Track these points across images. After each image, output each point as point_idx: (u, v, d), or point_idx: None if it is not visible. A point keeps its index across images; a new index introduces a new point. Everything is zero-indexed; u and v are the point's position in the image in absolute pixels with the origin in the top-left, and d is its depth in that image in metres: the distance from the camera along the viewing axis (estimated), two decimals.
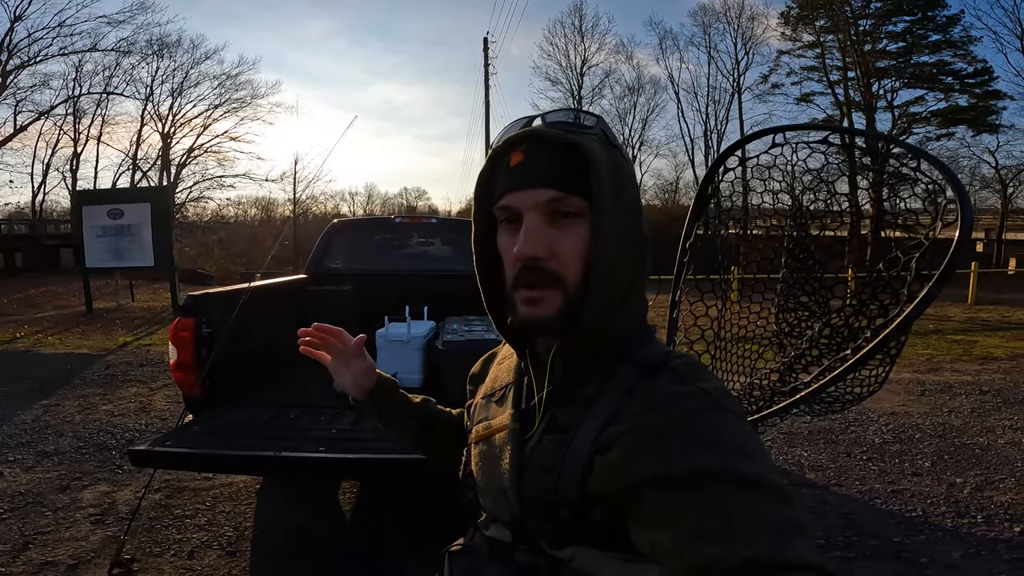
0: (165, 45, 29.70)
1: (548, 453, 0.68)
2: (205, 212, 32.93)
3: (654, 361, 0.67)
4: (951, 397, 5.52)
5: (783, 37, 27.43)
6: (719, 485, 0.53)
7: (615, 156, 0.69)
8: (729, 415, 0.60)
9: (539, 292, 0.68)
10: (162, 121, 30.84)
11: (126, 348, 8.05)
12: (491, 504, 0.77)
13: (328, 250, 4.42)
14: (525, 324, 0.70)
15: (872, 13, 24.57)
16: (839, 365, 1.38)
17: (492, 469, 0.76)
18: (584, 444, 0.64)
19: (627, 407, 0.63)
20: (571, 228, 0.67)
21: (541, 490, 0.67)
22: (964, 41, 24.15)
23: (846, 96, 25.67)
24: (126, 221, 11.11)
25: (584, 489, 0.63)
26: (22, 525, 2.97)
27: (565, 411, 0.69)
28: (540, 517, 0.68)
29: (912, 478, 3.69)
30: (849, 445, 4.28)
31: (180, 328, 2.50)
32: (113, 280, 13.94)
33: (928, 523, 3.10)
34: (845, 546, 2.87)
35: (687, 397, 0.61)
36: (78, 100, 28.44)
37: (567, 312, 0.68)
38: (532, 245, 0.66)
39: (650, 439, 0.59)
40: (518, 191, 0.68)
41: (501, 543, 0.74)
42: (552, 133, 0.68)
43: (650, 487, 0.56)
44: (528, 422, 0.73)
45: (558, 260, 0.67)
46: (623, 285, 0.69)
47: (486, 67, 24.99)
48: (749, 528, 0.50)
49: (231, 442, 2.34)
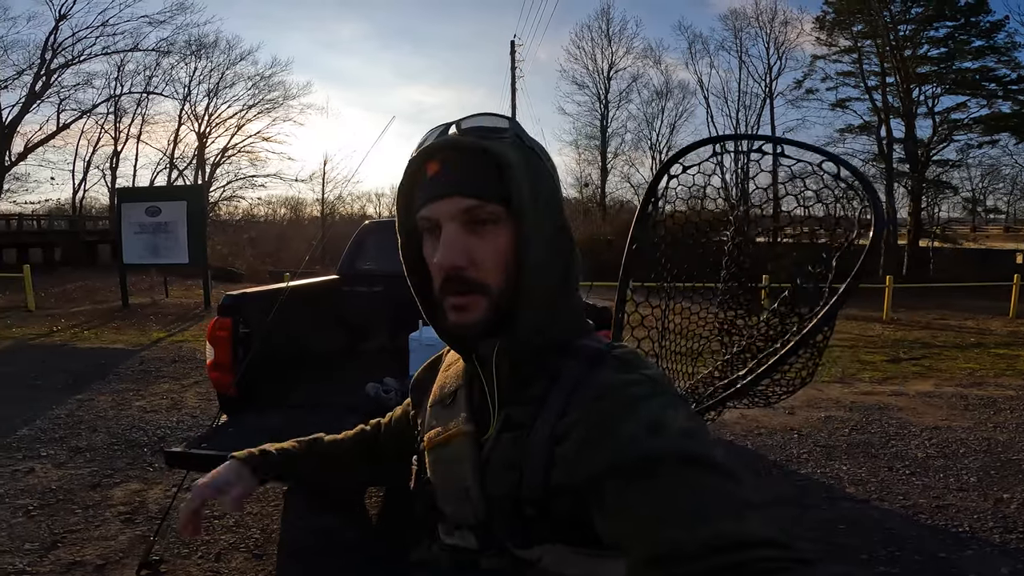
0: (203, 46, 30.45)
1: (508, 451, 0.69)
2: (237, 211, 33.57)
3: (597, 352, 0.69)
4: (996, 412, 5.33)
5: (818, 42, 26.89)
6: (667, 468, 0.54)
7: (530, 158, 0.70)
8: (673, 399, 0.63)
9: (464, 299, 0.69)
10: (198, 121, 31.57)
11: (160, 344, 8.17)
12: (453, 509, 0.75)
13: (360, 251, 4.39)
14: (454, 331, 0.72)
15: (912, 18, 23.98)
16: (769, 360, 1.49)
17: (451, 473, 0.75)
18: (542, 438, 0.65)
19: (576, 399, 0.65)
20: (490, 235, 0.68)
21: (505, 488, 0.67)
22: (1008, 47, 23.44)
23: (884, 102, 25.05)
24: (163, 219, 11.34)
25: (547, 483, 0.64)
26: (51, 523, 2.97)
27: (518, 409, 0.70)
28: (506, 517, 0.68)
29: (958, 493, 3.59)
30: (891, 459, 4.16)
31: (218, 327, 2.47)
32: (148, 276, 14.23)
33: (975, 539, 3.03)
34: (888, 561, 2.79)
35: (632, 384, 0.63)
36: (119, 99, 29.25)
37: (494, 317, 0.69)
38: (451, 255, 0.67)
39: (601, 428, 0.60)
40: (435, 201, 0.68)
41: (464, 550, 0.73)
42: (465, 141, 0.69)
43: (606, 477, 0.57)
44: (483, 423, 0.74)
45: (479, 268, 0.68)
46: (553, 284, 0.71)
47: (512, 70, 24.99)
48: (704, 509, 0.51)
49: None
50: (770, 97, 28.93)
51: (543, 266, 0.68)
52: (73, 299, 13.38)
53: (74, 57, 27.05)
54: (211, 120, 31.82)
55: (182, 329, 9.49)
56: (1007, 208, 32.35)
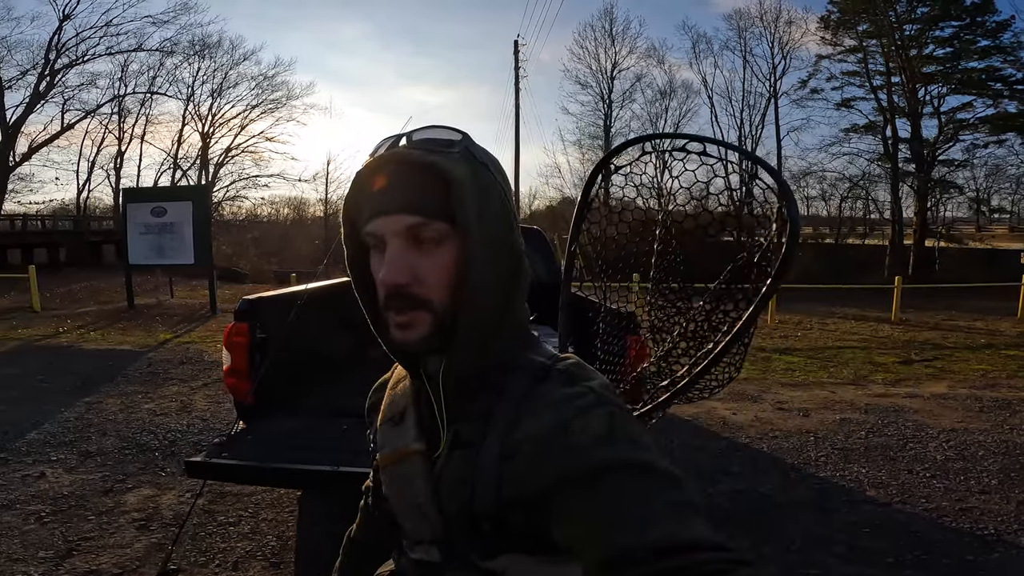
0: (206, 46, 30.39)
1: (459, 468, 0.69)
2: (240, 211, 33.58)
3: (542, 366, 0.70)
4: (1012, 414, 5.30)
5: (823, 42, 26.77)
6: (612, 476, 0.56)
7: (480, 173, 0.69)
8: (615, 409, 0.64)
9: (407, 316, 0.68)
10: (202, 121, 31.55)
11: (166, 345, 8.14)
12: (412, 526, 0.76)
13: None
14: (397, 347, 0.72)
15: (918, 18, 23.89)
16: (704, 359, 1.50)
17: (406, 491, 0.75)
18: (490, 456, 0.66)
19: (522, 414, 0.66)
20: (434, 252, 0.67)
21: (459, 504, 0.68)
22: (1014, 47, 23.33)
23: (889, 102, 24.94)
24: (168, 219, 11.32)
25: (499, 500, 0.65)
26: (65, 530, 2.93)
27: (466, 425, 0.70)
28: (463, 531, 0.69)
29: (980, 496, 3.57)
30: (910, 462, 4.13)
31: (235, 333, 2.42)
32: (154, 276, 14.21)
33: (1001, 541, 3.02)
34: (916, 564, 2.78)
35: (576, 397, 0.64)
36: (123, 99, 29.23)
37: (438, 334, 0.68)
38: (394, 272, 0.66)
39: (548, 442, 0.62)
40: (380, 217, 0.67)
41: (429, 564, 0.74)
42: (412, 155, 0.67)
43: (555, 488, 0.59)
44: (433, 441, 0.74)
45: (422, 285, 0.67)
46: (497, 300, 0.70)
47: (516, 70, 24.98)
48: (649, 514, 0.53)
49: (286, 454, 2.26)
50: (774, 97, 28.79)
51: (487, 283, 0.67)
52: (78, 300, 13.36)
53: (78, 57, 27.04)
54: (215, 120, 31.84)
55: (188, 330, 9.46)
56: (1012, 208, 32.19)
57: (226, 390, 5.54)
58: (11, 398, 5.31)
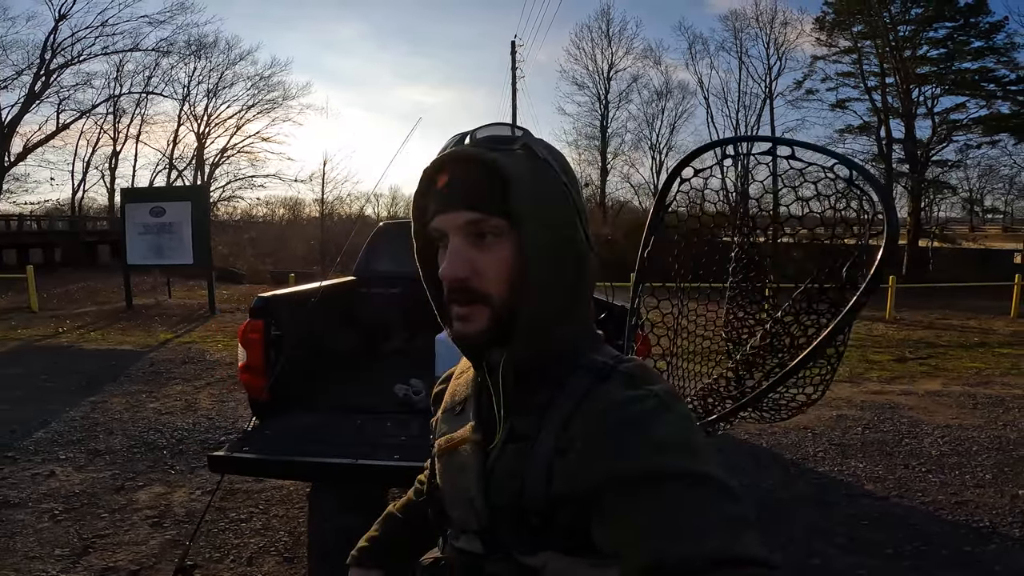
0: (203, 46, 30.32)
1: (511, 461, 0.69)
2: (235, 211, 33.51)
3: (604, 366, 0.69)
4: (1005, 410, 5.40)
5: (818, 43, 26.95)
6: (669, 484, 0.55)
7: (540, 169, 0.70)
8: (677, 416, 0.63)
9: (467, 309, 0.70)
10: (198, 121, 31.47)
11: (167, 345, 8.15)
12: (459, 515, 0.77)
13: (376, 252, 4.40)
14: (457, 340, 0.73)
15: (912, 19, 24.05)
16: (779, 371, 1.45)
17: (457, 480, 0.76)
18: (544, 450, 0.66)
19: (581, 412, 0.65)
20: (493, 247, 0.69)
21: (508, 497, 0.68)
22: (1007, 48, 23.55)
23: (884, 102, 25.13)
24: (167, 219, 11.31)
25: (548, 494, 0.65)
26: (79, 527, 2.97)
27: (522, 419, 0.70)
28: (509, 525, 0.69)
29: (975, 490, 3.66)
30: (906, 457, 4.22)
31: (250, 330, 2.46)
32: (151, 276, 14.20)
33: (997, 533, 3.11)
34: (915, 555, 2.86)
35: (637, 400, 0.63)
36: (118, 99, 29.15)
37: (496, 327, 0.69)
38: (454, 267, 0.68)
39: (603, 442, 0.61)
40: (442, 214, 0.70)
41: (471, 554, 0.75)
42: (471, 152, 0.69)
43: (605, 489, 0.58)
44: (489, 432, 0.74)
45: (481, 279, 0.69)
46: (559, 295, 0.71)
47: (513, 71, 24.99)
48: (699, 525, 0.52)
49: (305, 448, 2.31)
50: (770, 98, 28.98)
51: (546, 279, 0.68)
52: (76, 300, 13.35)
53: (73, 57, 26.97)
54: (210, 120, 31.78)
55: (188, 330, 9.47)
56: (1005, 208, 32.43)
57: (237, 387, 5.61)
58: (16, 398, 5.33)
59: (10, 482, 3.50)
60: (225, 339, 8.51)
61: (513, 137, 0.70)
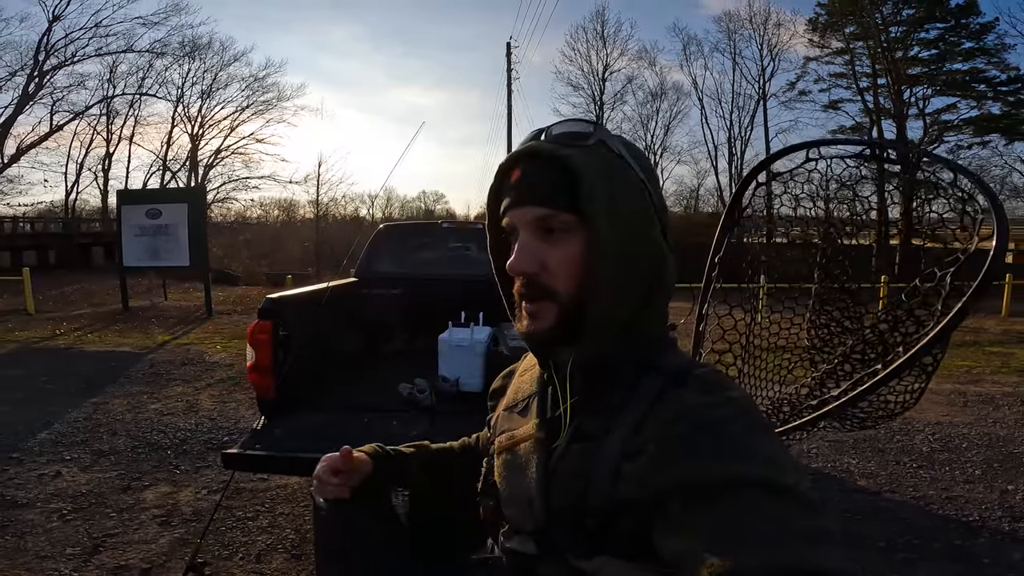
0: (197, 47, 30.23)
1: (576, 461, 0.68)
2: (229, 213, 33.42)
3: (680, 370, 0.68)
4: (995, 408, 5.49)
5: (811, 44, 27.17)
6: (745, 492, 0.53)
7: (614, 165, 0.69)
8: (756, 424, 0.61)
9: (535, 305, 0.70)
10: (191, 123, 31.38)
11: (165, 347, 8.17)
12: (515, 514, 0.76)
13: (377, 254, 4.45)
14: (525, 336, 0.73)
15: (904, 20, 24.24)
16: (869, 380, 1.37)
17: (517, 479, 0.75)
18: (612, 452, 0.64)
19: (654, 415, 0.64)
20: (562, 243, 0.68)
21: (569, 499, 0.67)
22: (998, 48, 23.76)
23: (875, 103, 25.33)
24: (163, 221, 11.31)
25: (612, 497, 0.63)
26: (89, 527, 3.00)
27: (591, 420, 0.69)
28: (566, 527, 0.67)
29: (965, 485, 3.73)
30: (897, 454, 4.29)
31: (258, 331, 2.51)
32: (146, 279, 14.16)
33: (986, 527, 3.17)
34: (906, 548, 2.92)
35: (713, 406, 0.62)
36: (112, 101, 29.03)
37: (563, 325, 0.69)
38: (521, 261, 0.69)
39: (676, 447, 0.59)
40: (515, 208, 0.71)
41: (524, 555, 0.73)
42: (543, 148, 0.69)
43: (675, 495, 0.56)
44: (553, 431, 0.73)
45: (550, 274, 0.68)
46: (632, 293, 0.69)
47: (508, 72, 25.03)
48: (772, 536, 0.50)
49: (315, 445, 2.36)
50: (763, 99, 29.16)
51: (616, 277, 0.67)
52: (71, 302, 13.31)
53: (67, 58, 26.87)
54: (204, 122, 31.69)
55: (185, 332, 9.48)
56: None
57: (238, 388, 5.65)
58: (16, 399, 5.35)
59: (17, 483, 3.53)
60: (223, 341, 8.54)
61: (588, 133, 0.70)
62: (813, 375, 1.73)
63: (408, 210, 45.68)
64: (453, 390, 3.08)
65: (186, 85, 30.94)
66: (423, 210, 46.45)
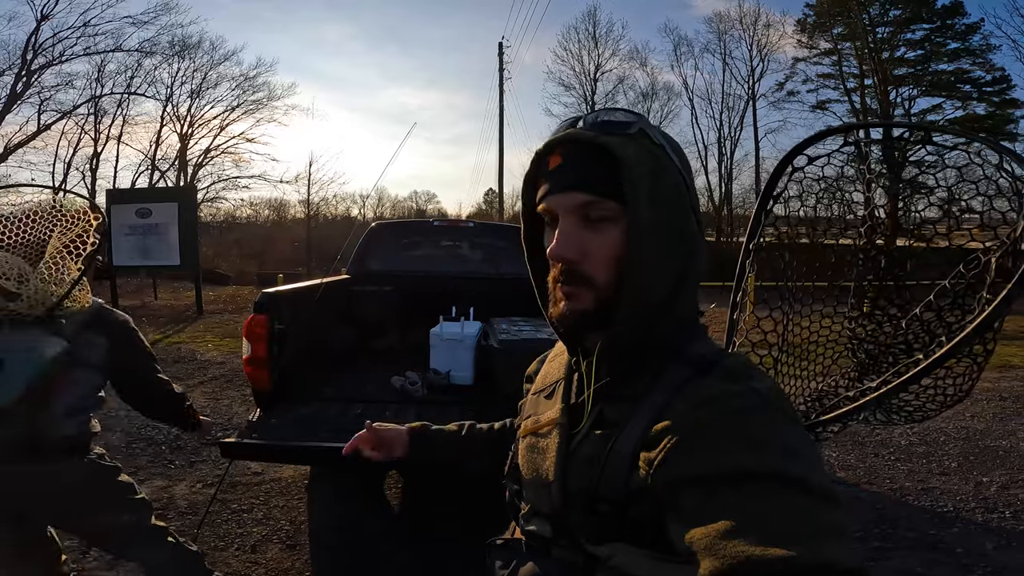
0: (186, 46, 30.00)
1: (595, 447, 0.68)
2: (219, 213, 33.23)
3: (704, 359, 0.68)
4: (973, 402, 5.57)
5: (799, 44, 27.39)
6: (759, 484, 0.53)
7: (656, 155, 0.69)
8: (779, 416, 0.60)
9: (572, 288, 0.70)
10: (181, 122, 31.15)
11: (157, 345, 8.17)
12: (534, 497, 0.77)
13: (370, 251, 4.50)
14: (559, 319, 0.72)
15: (890, 21, 24.50)
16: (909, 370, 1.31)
17: (538, 462, 0.76)
18: (630, 439, 0.65)
19: (675, 403, 0.64)
20: (604, 230, 0.68)
21: (584, 483, 0.68)
22: (983, 49, 24.04)
23: (863, 104, 25.58)
24: (154, 220, 11.28)
25: (627, 484, 0.64)
26: None
27: (614, 407, 0.70)
28: (581, 511, 0.68)
29: (940, 477, 3.83)
30: (876, 446, 4.39)
31: (254, 324, 2.57)
32: (135, 278, 14.11)
33: (960, 518, 3.26)
34: (882, 537, 3.01)
35: (736, 396, 0.61)
36: (100, 100, 28.78)
37: (598, 311, 0.69)
38: (564, 248, 0.68)
39: (696, 436, 0.59)
40: (554, 195, 0.70)
41: (540, 537, 0.75)
42: (587, 135, 0.68)
43: (691, 484, 0.56)
44: (576, 417, 0.74)
45: (590, 262, 0.68)
46: (665, 283, 0.69)
47: (501, 72, 25.15)
48: (788, 528, 0.50)
49: (311, 435, 2.43)
50: (753, 99, 29.34)
51: (653, 265, 0.67)
52: None
53: (55, 57, 26.60)
54: (194, 121, 31.49)
55: (177, 331, 9.48)
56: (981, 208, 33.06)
57: (230, 386, 5.68)
58: None
59: None
60: (215, 340, 8.55)
61: (629, 122, 0.70)
62: (854, 363, 1.67)
63: (400, 210, 45.62)
64: (444, 382, 3.15)
65: (175, 84, 30.74)
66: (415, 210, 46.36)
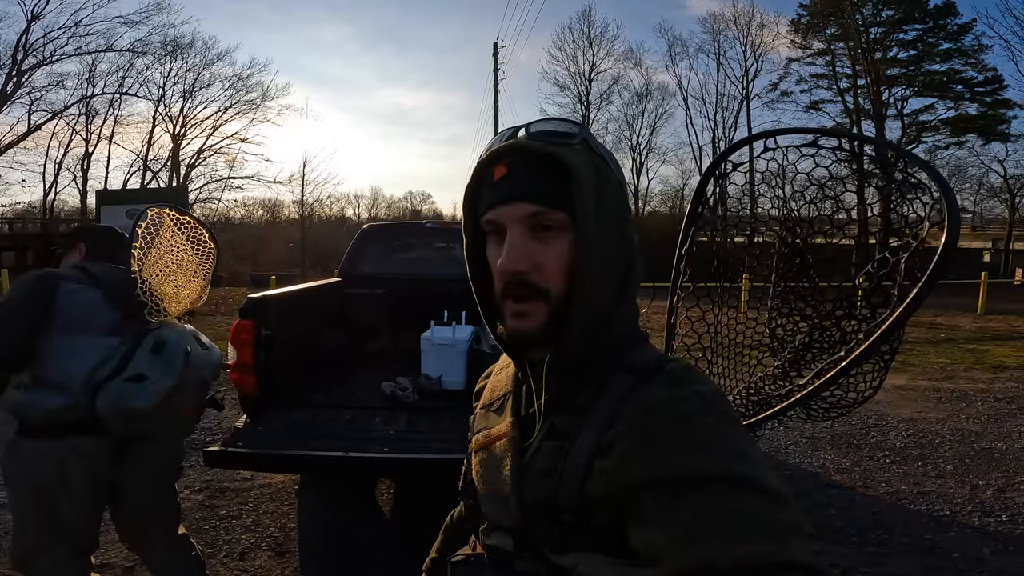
0: (179, 46, 29.82)
1: (548, 459, 0.68)
2: (212, 214, 33.05)
3: (648, 366, 0.68)
4: (967, 404, 5.61)
5: (793, 45, 27.51)
6: (713, 486, 0.54)
7: (598, 165, 0.68)
8: (724, 418, 0.61)
9: (525, 305, 0.68)
10: (173, 122, 30.96)
11: None
12: (493, 511, 0.77)
13: (361, 254, 4.47)
14: (513, 337, 0.71)
15: (883, 21, 24.62)
16: (832, 368, 1.38)
17: (492, 477, 0.76)
18: (583, 449, 0.65)
19: (623, 411, 0.64)
20: (553, 241, 0.67)
21: (542, 495, 0.68)
22: (975, 49, 24.23)
23: (855, 104, 25.71)
24: None
25: (584, 493, 0.64)
26: None
27: (563, 418, 0.70)
28: (542, 523, 0.68)
29: (936, 480, 3.81)
30: (872, 449, 4.38)
31: (240, 330, 2.54)
32: None
33: (956, 522, 3.23)
34: (878, 542, 2.99)
35: (682, 400, 0.62)
36: (91, 100, 28.58)
37: (553, 324, 0.68)
38: (515, 260, 0.66)
39: (645, 442, 0.60)
40: (501, 205, 0.68)
41: (502, 551, 0.74)
42: (533, 145, 0.68)
43: (645, 489, 0.57)
44: (527, 430, 0.74)
45: (541, 273, 0.67)
46: (610, 293, 0.69)
47: (495, 72, 25.07)
48: (742, 529, 0.51)
49: (297, 443, 2.40)
50: (747, 99, 29.42)
51: (601, 275, 0.68)
52: None
53: (46, 58, 26.45)
54: (186, 121, 31.30)
55: None
56: (974, 208, 33.31)
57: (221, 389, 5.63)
58: None
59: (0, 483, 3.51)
60: None
61: (573, 133, 0.69)
62: (776, 364, 1.75)
63: (395, 210, 45.49)
64: (435, 388, 3.13)
65: (168, 84, 30.55)
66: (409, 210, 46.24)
